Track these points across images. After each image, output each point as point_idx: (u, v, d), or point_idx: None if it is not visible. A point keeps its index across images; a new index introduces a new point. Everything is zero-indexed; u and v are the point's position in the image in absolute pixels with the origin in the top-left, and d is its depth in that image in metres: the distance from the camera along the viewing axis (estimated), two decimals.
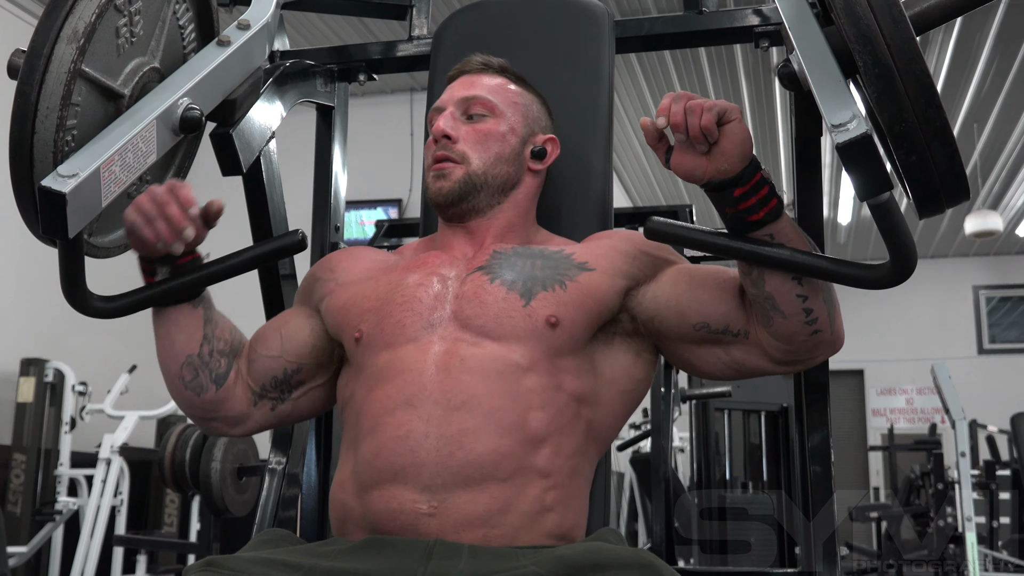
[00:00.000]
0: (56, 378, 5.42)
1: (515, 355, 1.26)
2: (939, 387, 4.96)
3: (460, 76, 1.50)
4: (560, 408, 1.27)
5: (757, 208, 1.19)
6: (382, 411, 1.25)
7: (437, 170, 1.43)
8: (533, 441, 1.23)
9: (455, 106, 1.45)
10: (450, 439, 1.20)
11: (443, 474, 1.19)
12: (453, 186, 1.41)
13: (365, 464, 1.24)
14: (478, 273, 1.35)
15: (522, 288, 1.31)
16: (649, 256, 1.38)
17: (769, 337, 1.27)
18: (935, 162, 1.01)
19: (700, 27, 1.84)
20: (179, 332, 1.36)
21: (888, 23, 0.99)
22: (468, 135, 1.43)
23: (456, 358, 1.25)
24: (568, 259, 1.37)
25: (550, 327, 1.28)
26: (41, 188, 1.14)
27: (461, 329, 1.29)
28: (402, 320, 1.31)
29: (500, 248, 1.40)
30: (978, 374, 10.59)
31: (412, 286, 1.35)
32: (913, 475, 7.83)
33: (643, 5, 5.95)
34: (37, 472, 5.30)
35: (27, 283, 5.60)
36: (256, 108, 1.55)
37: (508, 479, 1.20)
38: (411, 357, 1.27)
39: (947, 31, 6.26)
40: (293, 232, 1.37)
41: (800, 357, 1.29)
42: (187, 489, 4.70)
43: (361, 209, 6.73)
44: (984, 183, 8.87)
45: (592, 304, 1.32)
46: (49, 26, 1.19)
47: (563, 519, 1.24)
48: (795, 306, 1.22)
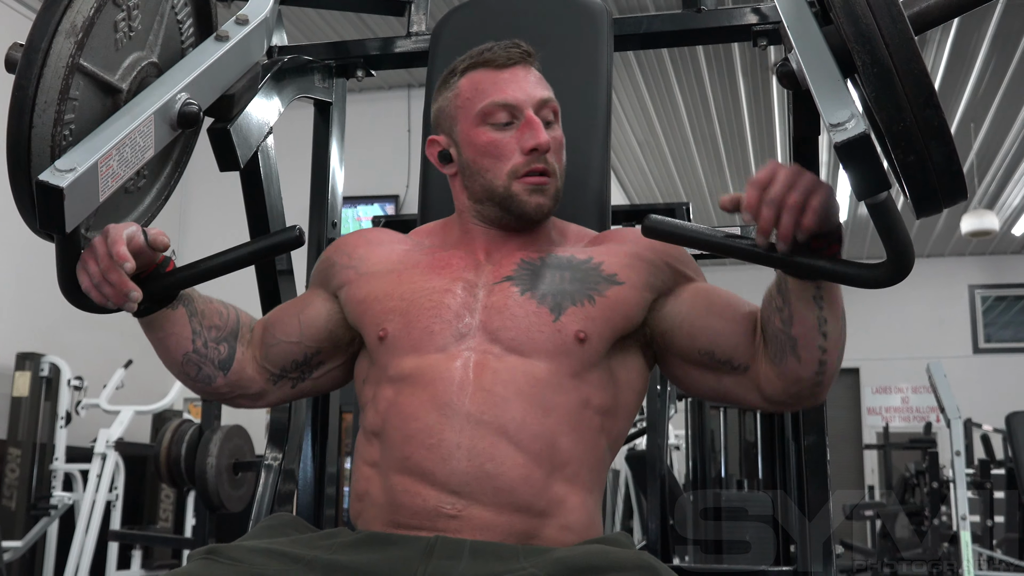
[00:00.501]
0: (52, 372, 5.42)
1: (544, 371, 1.25)
2: (934, 386, 4.97)
3: (514, 66, 1.39)
4: (586, 427, 1.27)
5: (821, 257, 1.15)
6: (412, 417, 1.24)
7: (537, 184, 1.35)
8: (560, 465, 1.23)
9: (534, 109, 1.37)
10: (481, 452, 1.20)
11: (472, 484, 1.19)
12: (551, 203, 1.37)
13: (396, 464, 1.24)
14: (507, 284, 1.33)
15: (552, 303, 1.29)
16: (672, 268, 1.36)
17: (772, 375, 1.27)
18: (933, 161, 1.01)
19: (698, 25, 1.85)
20: (168, 336, 1.36)
21: (887, 23, 0.99)
22: (551, 144, 1.36)
23: (488, 372, 1.25)
24: (596, 270, 1.34)
25: (579, 343, 1.27)
26: (38, 182, 1.14)
27: (490, 342, 1.28)
28: (430, 327, 1.29)
29: (527, 257, 1.37)
30: (973, 373, 10.61)
31: (439, 292, 1.33)
32: (908, 474, 7.84)
33: (641, 3, 5.95)
34: (32, 467, 5.29)
35: (23, 277, 5.59)
36: (254, 104, 1.55)
37: (531, 512, 1.20)
38: (441, 367, 1.26)
39: (945, 31, 6.27)
40: (290, 228, 1.36)
41: (790, 401, 1.29)
42: (183, 484, 4.70)
43: (358, 205, 6.72)
44: (980, 183, 8.88)
45: (620, 320, 1.31)
46: (47, 20, 1.19)
47: (581, 536, 1.24)
48: (813, 355, 1.22)
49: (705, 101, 7.47)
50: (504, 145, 1.36)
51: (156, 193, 1.52)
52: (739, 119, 7.80)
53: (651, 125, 7.97)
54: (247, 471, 4.36)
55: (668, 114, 7.75)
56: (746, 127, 7.95)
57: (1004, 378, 10.69)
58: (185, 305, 1.37)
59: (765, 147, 8.34)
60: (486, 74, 1.38)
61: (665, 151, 8.58)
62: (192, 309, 1.38)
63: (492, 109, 1.36)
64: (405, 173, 6.78)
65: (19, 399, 5.39)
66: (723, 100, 7.44)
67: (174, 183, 1.55)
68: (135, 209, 1.48)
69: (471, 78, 1.39)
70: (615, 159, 8.68)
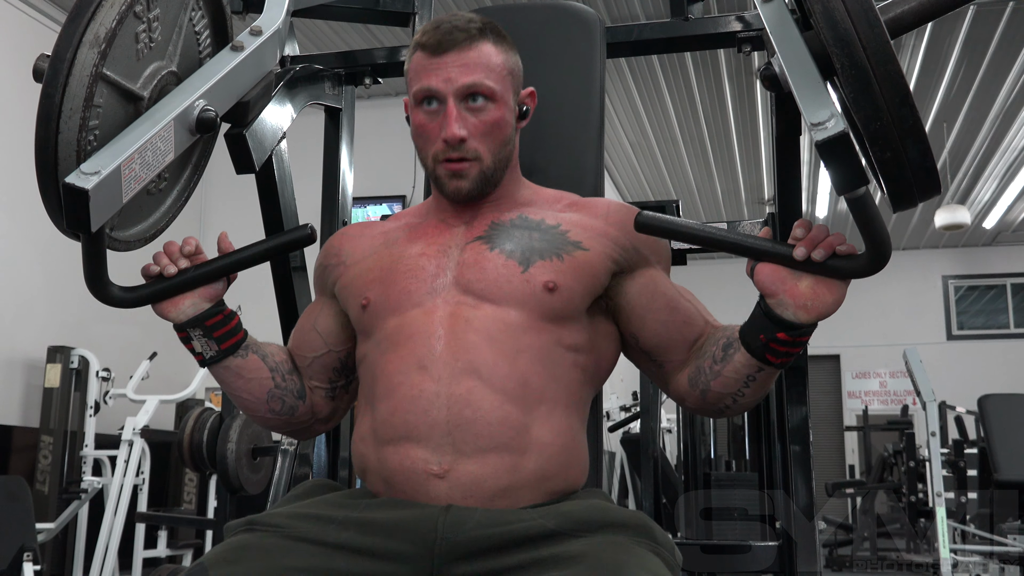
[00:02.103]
0: (81, 364, 5.42)
1: (515, 317, 1.26)
2: (911, 371, 4.97)
3: (447, 52, 1.31)
4: (557, 362, 1.28)
5: (783, 355, 1.19)
6: (395, 373, 1.25)
7: (453, 170, 1.33)
8: (533, 400, 1.23)
9: (455, 97, 1.31)
10: (459, 398, 1.20)
11: (453, 433, 1.19)
12: (471, 185, 1.33)
13: (382, 422, 1.24)
14: (477, 242, 1.33)
15: (520, 256, 1.29)
16: (638, 252, 1.36)
17: (683, 387, 1.32)
18: (908, 158, 1.00)
19: (686, 33, 1.84)
20: (249, 381, 1.37)
21: (864, 28, 0.99)
22: (476, 128, 1.32)
23: (461, 320, 1.25)
24: (564, 236, 1.33)
25: (548, 291, 1.27)
26: (65, 185, 1.14)
27: (463, 293, 1.28)
28: (407, 287, 1.30)
29: (497, 219, 1.37)
30: (947, 359, 10.62)
31: (415, 256, 1.34)
32: (886, 453, 7.85)
33: (632, 12, 5.94)
34: (64, 453, 5.30)
35: (53, 275, 5.59)
36: (268, 110, 1.54)
37: (512, 448, 1.20)
38: (419, 321, 1.27)
39: (918, 36, 6.26)
40: (303, 226, 1.37)
41: (690, 410, 1.36)
42: (205, 468, 4.71)
43: (367, 205, 6.72)
44: (953, 179, 8.87)
45: (588, 277, 1.30)
46: (72, 32, 1.19)
47: (565, 481, 1.25)
48: (718, 404, 1.29)
49: (693, 104, 7.46)
50: (430, 130, 1.33)
51: (176, 194, 1.52)
52: (725, 121, 7.78)
53: (642, 127, 7.96)
54: (265, 456, 4.36)
55: (658, 116, 7.74)
56: (732, 128, 7.94)
57: (976, 363, 10.71)
58: (254, 351, 1.38)
59: (750, 147, 8.33)
60: (421, 58, 1.33)
61: (656, 151, 8.57)
62: (262, 352, 1.39)
63: (419, 94, 1.33)
64: (411, 174, 6.77)
65: (51, 390, 5.39)
66: (710, 103, 7.43)
67: (193, 185, 1.55)
68: (157, 210, 1.47)
69: (414, 59, 1.35)
70: (608, 159, 8.67)
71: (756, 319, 1.19)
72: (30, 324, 5.65)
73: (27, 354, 5.61)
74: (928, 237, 10.97)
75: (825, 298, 1.14)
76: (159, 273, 1.30)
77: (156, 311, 1.32)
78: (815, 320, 1.15)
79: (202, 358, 1.34)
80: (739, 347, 1.22)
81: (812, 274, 1.14)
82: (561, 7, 1.78)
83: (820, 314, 1.15)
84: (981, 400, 5.50)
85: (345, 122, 1.97)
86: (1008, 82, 6.94)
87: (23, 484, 4.06)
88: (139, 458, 4.97)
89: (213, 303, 1.32)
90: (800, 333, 1.16)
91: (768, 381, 1.24)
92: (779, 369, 1.22)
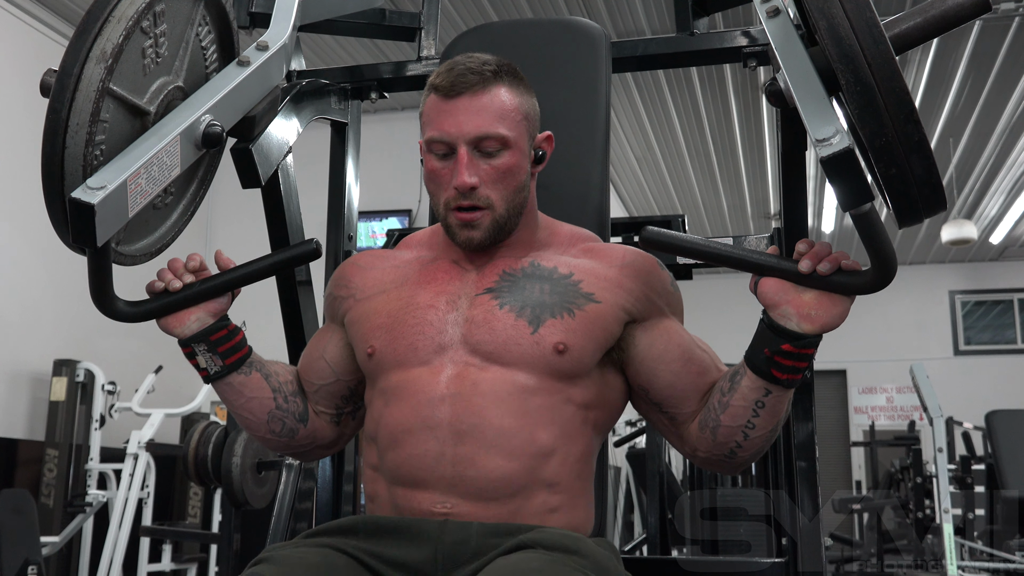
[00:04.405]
0: (87, 378, 5.43)
1: (525, 379, 1.25)
2: (917, 386, 4.95)
3: (459, 96, 1.29)
4: (568, 418, 1.27)
5: (789, 370, 1.18)
6: (400, 430, 1.25)
7: (464, 220, 1.30)
8: (542, 456, 1.23)
9: (467, 145, 1.28)
10: (463, 458, 1.21)
11: (458, 486, 1.21)
12: (483, 235, 1.31)
13: (390, 472, 1.27)
14: (487, 296, 1.30)
15: (530, 315, 1.27)
16: (651, 302, 1.33)
17: (694, 435, 1.31)
18: (914, 174, 1.00)
19: (692, 48, 1.84)
20: (251, 400, 1.37)
21: (869, 44, 0.99)
22: (488, 175, 1.29)
23: (468, 383, 1.24)
24: (576, 288, 1.30)
25: (558, 354, 1.25)
26: (71, 199, 1.14)
27: (470, 353, 1.27)
28: (414, 343, 1.29)
29: (509, 268, 1.34)
30: (954, 374, 10.57)
31: (422, 307, 1.31)
32: (893, 469, 7.81)
33: (638, 26, 5.95)
34: (69, 466, 5.30)
35: (59, 288, 5.60)
36: (274, 124, 1.55)
37: (517, 493, 1.22)
38: (424, 380, 1.26)
39: (924, 51, 6.26)
40: (308, 240, 1.36)
41: (701, 463, 1.33)
42: (209, 483, 4.70)
43: (372, 220, 6.73)
44: (959, 194, 8.86)
45: (599, 331, 1.28)
46: (79, 47, 1.19)
47: (569, 517, 1.25)
48: (727, 444, 1.27)
49: (699, 119, 7.46)
50: (442, 176, 1.31)
51: (183, 209, 1.52)
52: (731, 136, 7.79)
53: (648, 142, 7.97)
54: (270, 470, 4.35)
55: (664, 131, 7.74)
56: (738, 143, 7.94)
57: (983, 379, 10.65)
58: (258, 369, 1.37)
59: (756, 161, 8.33)
60: (435, 102, 1.31)
61: (661, 166, 8.57)
62: (266, 371, 1.39)
63: (431, 141, 1.31)
64: (417, 189, 6.78)
65: (56, 403, 5.40)
66: (716, 118, 7.43)
67: (199, 199, 1.55)
68: (163, 224, 1.48)
69: (427, 102, 1.32)
70: (614, 174, 8.67)
71: (760, 335, 1.19)
72: (36, 337, 5.66)
73: (33, 367, 5.62)
74: (935, 252, 10.94)
75: (829, 309, 1.14)
76: (163, 289, 1.30)
77: (161, 326, 1.32)
78: (819, 331, 1.15)
79: (206, 373, 1.33)
80: (745, 371, 1.21)
81: (817, 289, 1.14)
82: (567, 22, 1.78)
83: (824, 325, 1.14)
84: (988, 416, 5.48)
85: (351, 136, 1.97)
86: (1015, 97, 6.94)
87: (28, 497, 4.06)
88: (144, 472, 4.97)
89: (218, 318, 1.32)
90: (804, 344, 1.15)
91: (778, 407, 1.22)
92: (787, 389, 1.21)
